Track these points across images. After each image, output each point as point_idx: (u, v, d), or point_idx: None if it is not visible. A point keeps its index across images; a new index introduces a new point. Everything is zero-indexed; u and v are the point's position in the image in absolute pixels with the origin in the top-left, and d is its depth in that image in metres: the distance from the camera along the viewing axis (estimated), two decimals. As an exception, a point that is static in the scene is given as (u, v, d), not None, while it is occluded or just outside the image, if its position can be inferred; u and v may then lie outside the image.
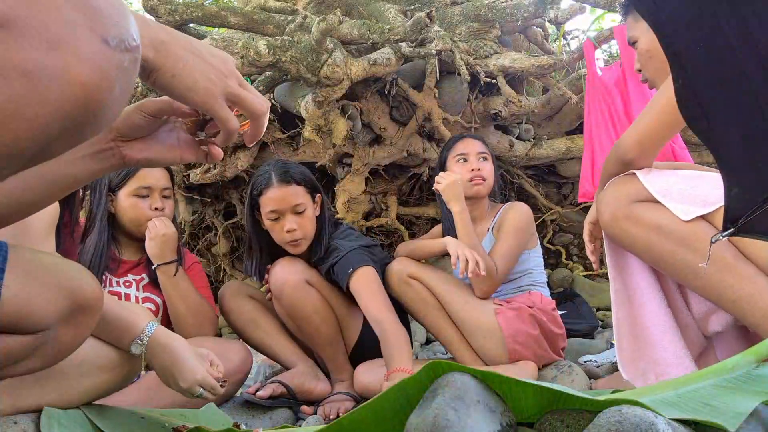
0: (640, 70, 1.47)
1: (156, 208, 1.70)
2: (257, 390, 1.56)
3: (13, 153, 0.39)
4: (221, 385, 1.10)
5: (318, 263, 1.79)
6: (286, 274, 1.68)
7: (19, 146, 0.39)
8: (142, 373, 1.45)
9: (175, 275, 1.66)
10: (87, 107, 0.40)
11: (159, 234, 1.64)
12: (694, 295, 1.27)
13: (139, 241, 1.72)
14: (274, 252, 1.81)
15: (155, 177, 1.73)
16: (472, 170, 1.87)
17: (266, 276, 1.82)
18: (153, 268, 1.67)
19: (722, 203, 1.07)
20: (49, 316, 0.73)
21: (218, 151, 0.77)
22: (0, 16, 0.36)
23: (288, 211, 1.69)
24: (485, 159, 1.92)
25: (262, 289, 1.94)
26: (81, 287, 0.78)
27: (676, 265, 1.16)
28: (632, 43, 1.45)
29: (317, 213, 1.78)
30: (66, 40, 0.38)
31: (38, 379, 0.89)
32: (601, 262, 1.46)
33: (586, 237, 1.45)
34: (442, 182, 1.81)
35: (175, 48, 0.59)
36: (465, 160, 1.91)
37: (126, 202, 1.69)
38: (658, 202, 1.18)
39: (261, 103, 0.69)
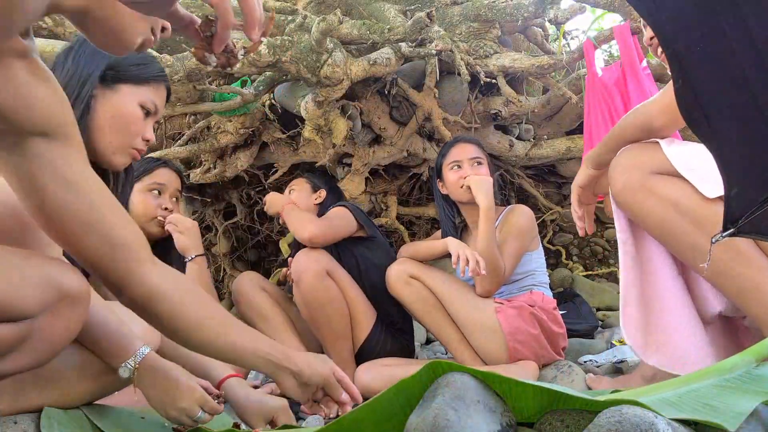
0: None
1: (165, 208, 1.71)
2: (255, 387, 1.56)
3: None
4: (219, 402, 1.07)
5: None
6: (309, 262, 1.75)
7: None
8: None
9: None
10: None
11: (187, 226, 1.67)
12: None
13: None
14: None
15: (169, 177, 1.75)
16: (466, 177, 1.88)
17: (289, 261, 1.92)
18: (186, 260, 1.69)
19: None
20: (31, 304, 0.73)
21: (222, 40, 0.71)
22: None
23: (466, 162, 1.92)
24: (479, 163, 1.92)
25: (272, 279, 1.99)
26: (64, 278, 0.78)
27: (687, 246, 1.11)
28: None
29: (316, 202, 2.09)
30: None
31: (38, 381, 0.89)
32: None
33: (574, 202, 1.37)
34: (472, 178, 1.82)
35: None
36: (459, 167, 1.91)
37: (137, 197, 1.69)
38: (678, 176, 1.10)
39: None
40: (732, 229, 0.72)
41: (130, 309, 0.89)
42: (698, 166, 1.11)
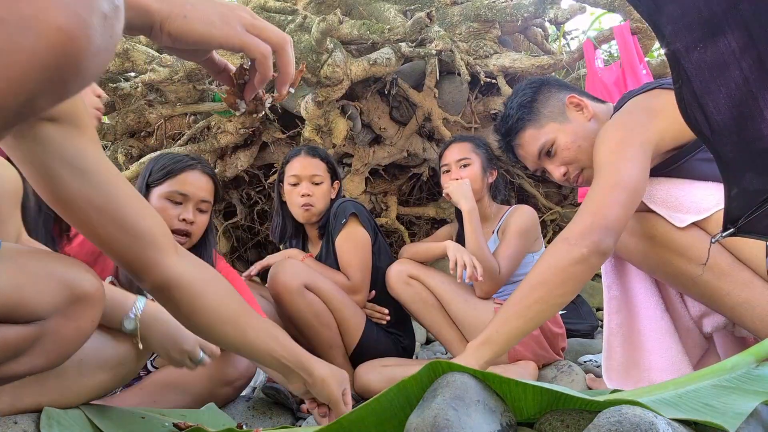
0: (565, 175, 1.34)
1: (184, 219, 1.51)
2: (253, 389, 1.55)
3: None
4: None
5: (322, 232, 1.94)
6: (286, 279, 1.69)
7: None
8: (142, 374, 1.45)
9: None
10: (66, 55, 0.39)
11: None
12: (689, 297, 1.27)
13: None
14: (293, 222, 2.01)
15: (196, 185, 1.53)
16: (446, 186, 1.90)
17: (280, 248, 1.98)
18: None
19: (716, 209, 1.08)
20: (44, 305, 0.73)
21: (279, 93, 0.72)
22: None
23: (307, 178, 1.90)
24: (466, 165, 1.92)
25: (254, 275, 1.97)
26: (78, 278, 0.77)
27: (673, 274, 1.16)
28: (548, 152, 1.34)
29: (332, 196, 1.96)
30: None
31: (38, 378, 0.89)
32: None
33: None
34: (448, 188, 1.86)
35: None
36: (448, 171, 1.93)
37: (156, 203, 1.51)
38: (650, 211, 1.16)
39: (281, 32, 0.66)
40: (732, 229, 0.72)
41: (152, 296, 0.89)
42: (667, 198, 1.15)
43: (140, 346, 1.00)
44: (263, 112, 0.79)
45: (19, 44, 0.37)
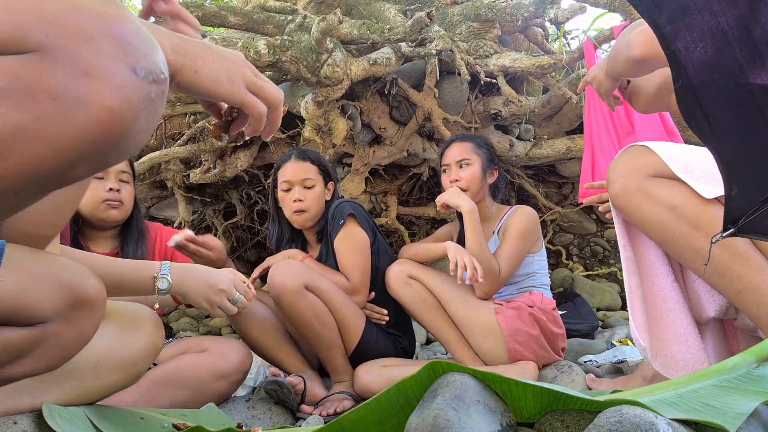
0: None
1: (110, 189, 1.66)
2: (253, 389, 1.56)
3: (36, 171, 0.40)
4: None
5: (320, 236, 1.93)
6: (285, 280, 1.68)
7: (42, 165, 0.40)
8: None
9: None
10: (112, 133, 0.42)
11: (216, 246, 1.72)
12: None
13: (102, 229, 1.72)
14: (291, 227, 2.00)
15: None
16: (451, 181, 1.90)
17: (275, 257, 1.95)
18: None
19: None
20: (46, 309, 0.73)
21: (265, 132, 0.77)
22: (36, 43, 0.38)
23: (298, 183, 1.89)
24: (466, 165, 1.91)
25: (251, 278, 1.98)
26: (80, 282, 0.77)
27: (686, 248, 1.10)
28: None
29: (328, 198, 1.95)
30: (97, 69, 0.41)
31: (57, 378, 0.90)
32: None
33: (608, 85, 1.31)
34: (441, 199, 1.87)
35: (191, 48, 0.61)
36: (448, 170, 1.94)
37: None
38: (675, 178, 1.10)
39: (278, 91, 0.72)
40: (732, 229, 0.72)
41: None
42: (695, 168, 1.11)
43: (156, 306, 1.08)
44: (242, 141, 0.85)
45: (70, 119, 0.40)
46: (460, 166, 1.91)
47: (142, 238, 1.78)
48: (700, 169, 1.10)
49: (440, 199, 1.88)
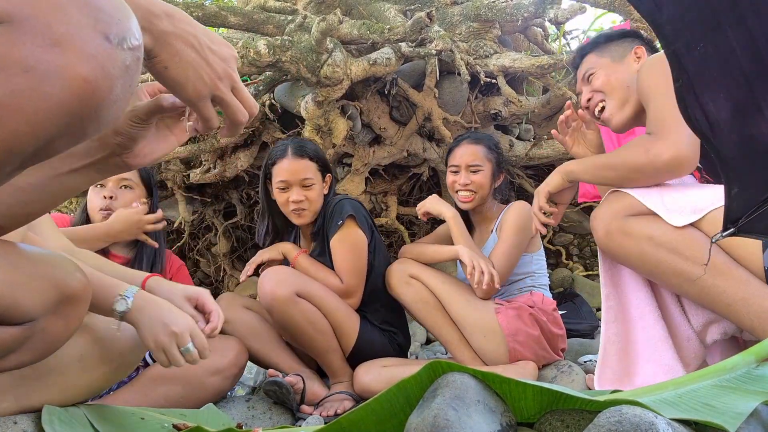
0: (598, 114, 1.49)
1: (104, 197, 1.66)
2: (253, 389, 1.55)
3: (13, 148, 0.39)
4: (209, 336, 1.05)
5: (317, 234, 1.87)
6: (275, 288, 1.65)
7: (19, 141, 0.39)
8: (141, 366, 1.45)
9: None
10: (89, 103, 0.41)
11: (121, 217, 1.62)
12: (692, 306, 1.28)
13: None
14: (283, 220, 1.91)
15: None
16: (462, 185, 1.88)
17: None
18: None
19: (712, 208, 1.12)
20: (36, 306, 0.73)
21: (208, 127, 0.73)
22: (2, 12, 0.37)
23: (296, 183, 1.79)
24: (478, 170, 1.88)
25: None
26: (67, 278, 0.77)
27: (670, 274, 1.18)
28: (588, 77, 1.50)
29: (325, 192, 1.88)
30: (68, 38, 0.39)
31: (41, 375, 0.89)
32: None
33: (539, 205, 1.46)
34: (422, 207, 1.89)
35: (174, 41, 0.59)
36: (457, 171, 1.92)
37: (90, 194, 1.68)
38: (649, 213, 1.19)
39: (244, 113, 0.69)
40: (732, 229, 0.72)
41: None
42: (665, 200, 1.19)
43: (117, 328, 0.97)
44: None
45: (45, 92, 0.39)
46: (471, 172, 1.89)
47: (159, 251, 1.75)
48: (670, 200, 1.20)
49: (421, 207, 1.90)
